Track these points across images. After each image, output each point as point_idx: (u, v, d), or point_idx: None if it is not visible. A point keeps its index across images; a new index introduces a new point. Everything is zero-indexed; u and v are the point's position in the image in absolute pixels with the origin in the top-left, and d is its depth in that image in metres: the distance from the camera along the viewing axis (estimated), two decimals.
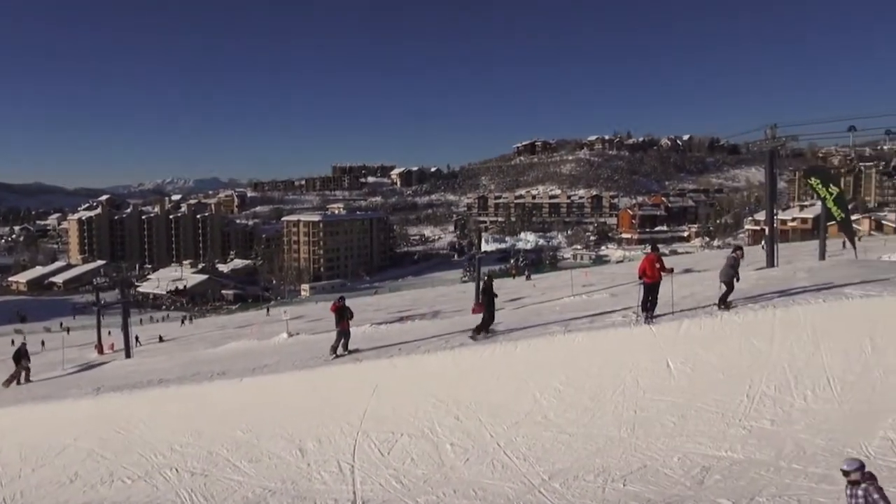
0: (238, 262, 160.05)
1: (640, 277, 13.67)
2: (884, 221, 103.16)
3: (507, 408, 12.47)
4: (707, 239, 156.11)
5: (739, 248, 14.51)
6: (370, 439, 12.66)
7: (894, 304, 12.04)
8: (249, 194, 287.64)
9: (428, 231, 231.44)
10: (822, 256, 31.16)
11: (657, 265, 13.49)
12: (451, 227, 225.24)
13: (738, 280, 13.72)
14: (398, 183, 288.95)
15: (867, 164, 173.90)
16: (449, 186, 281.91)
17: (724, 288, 13.53)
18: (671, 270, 13.91)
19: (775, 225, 37.69)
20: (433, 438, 12.30)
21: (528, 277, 69.08)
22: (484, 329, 15.10)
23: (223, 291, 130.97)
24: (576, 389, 12.40)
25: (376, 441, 12.56)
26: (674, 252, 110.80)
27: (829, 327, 12.01)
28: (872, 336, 11.58)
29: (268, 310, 52.83)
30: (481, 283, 15.27)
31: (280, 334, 22.83)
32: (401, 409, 13.15)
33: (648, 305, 13.57)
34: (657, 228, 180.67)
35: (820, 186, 27.12)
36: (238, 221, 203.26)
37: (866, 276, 14.07)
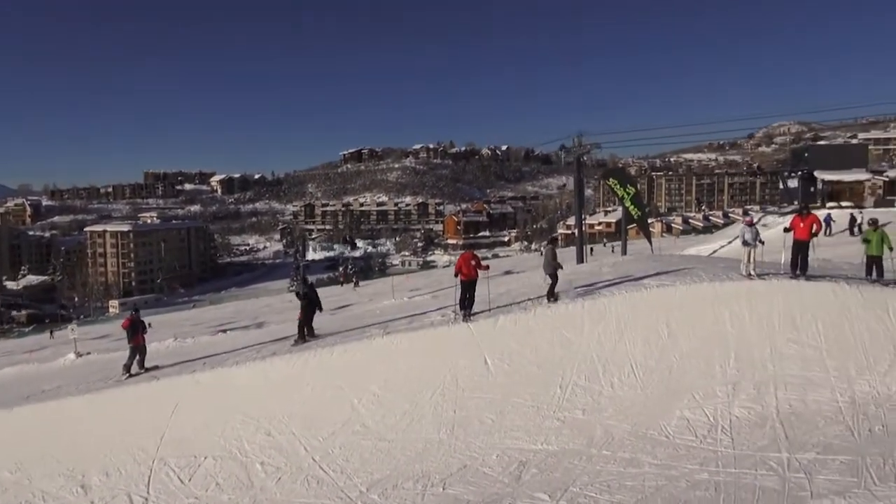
0: (32, 279, 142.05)
1: (456, 275, 13.55)
2: (672, 224, 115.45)
3: (323, 418, 11.68)
4: (526, 243, 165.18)
5: (555, 239, 14.97)
6: (168, 466, 11.25)
7: (685, 293, 12.93)
8: (45, 203, 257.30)
9: (253, 240, 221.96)
10: (624, 252, 33.87)
11: (472, 262, 13.44)
12: (278, 236, 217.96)
13: (561, 269, 14.10)
14: (219, 190, 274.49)
15: (658, 173, 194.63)
16: (274, 194, 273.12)
17: (549, 280, 13.78)
18: (487, 268, 13.94)
19: (583, 228, 40.51)
20: (241, 458, 11.19)
21: (357, 284, 68.24)
22: (302, 337, 14.21)
23: (13, 313, 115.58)
24: (395, 393, 11.92)
25: (176, 467, 11.19)
26: (495, 256, 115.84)
27: (631, 317, 12.63)
28: (668, 323, 12.34)
29: (51, 332, 46.32)
30: (302, 291, 14.31)
31: (67, 355, 20.02)
32: (205, 429, 11.86)
33: (466, 303, 13.48)
34: (480, 234, 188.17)
35: (618, 187, 29.41)
36: (32, 233, 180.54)
37: (661, 268, 15.10)
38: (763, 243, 13.49)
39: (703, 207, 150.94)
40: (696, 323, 12.25)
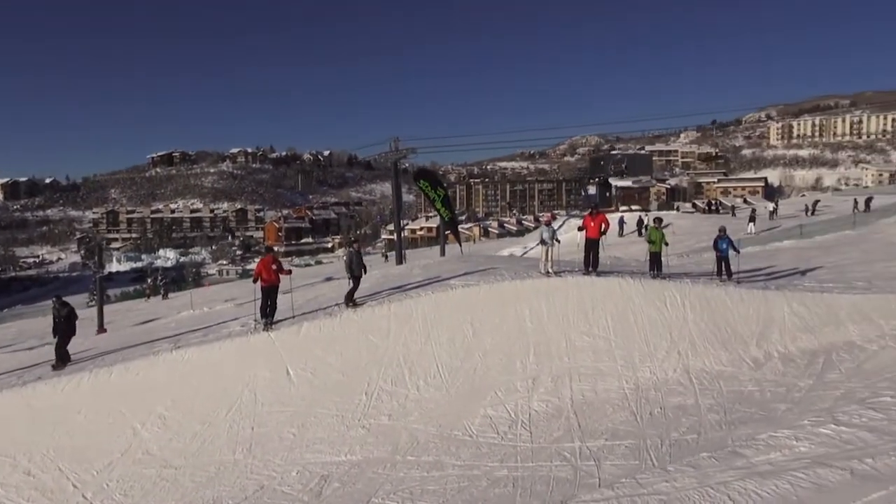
0: None
1: (256, 280, 12.68)
2: (489, 228, 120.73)
3: (98, 448, 10.26)
4: (369, 249, 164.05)
5: (356, 241, 14.55)
6: None
7: (489, 292, 13.14)
8: None
9: (45, 251, 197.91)
10: (443, 253, 34.54)
11: (273, 267, 12.65)
12: (75, 247, 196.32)
13: (365, 272, 13.71)
14: (1, 196, 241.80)
15: (475, 180, 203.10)
16: (70, 200, 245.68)
17: (351, 284, 13.31)
18: (289, 272, 13.20)
19: (404, 233, 40.78)
20: None
21: (166, 296, 63.16)
22: (61, 361, 12.47)
23: None
24: (184, 414, 10.79)
25: None
26: (318, 262, 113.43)
27: (438, 317, 12.57)
28: (472, 322, 12.44)
29: None
30: (63, 310, 12.56)
31: None
32: None
33: (268, 311, 12.63)
34: (303, 240, 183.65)
35: (429, 188, 29.87)
36: None
37: (469, 269, 15.31)
38: (559, 242, 14.13)
39: (514, 212, 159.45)
40: (498, 320, 12.48)
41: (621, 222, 41.66)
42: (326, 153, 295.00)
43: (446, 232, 39.74)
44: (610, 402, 10.61)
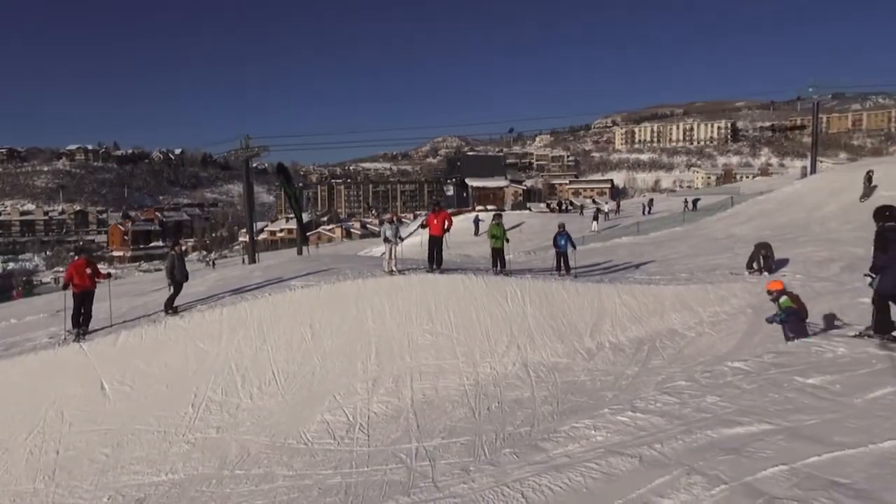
0: None
1: (66, 286, 11.39)
2: (351, 229, 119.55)
3: None
4: (204, 252, 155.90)
5: (176, 244, 13.54)
6: None
7: (330, 292, 12.70)
8: None
9: None
10: (300, 252, 33.61)
11: (88, 271, 11.41)
12: None
13: (187, 278, 12.72)
14: None
15: (337, 180, 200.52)
16: None
17: (171, 289, 12.30)
18: (108, 276, 11.99)
19: (262, 234, 39.07)
20: None
21: None
22: None
23: None
24: None
25: None
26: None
27: (275, 320, 11.95)
28: (312, 324, 11.94)
29: None
30: None
31: None
32: None
33: (81, 320, 11.38)
34: (152, 244, 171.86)
35: (286, 185, 29.53)
36: None
37: (312, 269, 14.77)
38: (402, 240, 13.94)
39: (374, 212, 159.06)
40: (339, 321, 12.07)
41: (476, 221, 42.53)
42: (178, 151, 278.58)
43: (308, 234, 38.87)
44: (450, 399, 10.53)
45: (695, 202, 43.97)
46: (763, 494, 3.31)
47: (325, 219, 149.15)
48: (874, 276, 6.32)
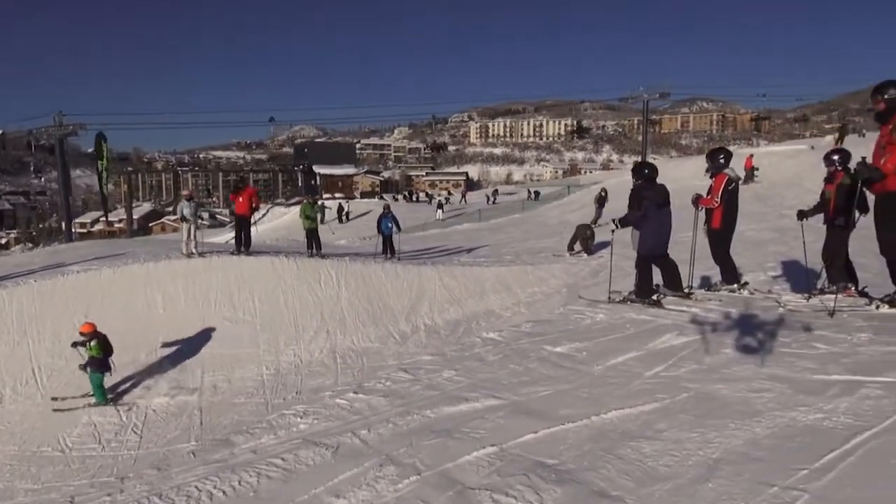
0: None
1: None
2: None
3: None
4: (30, 245, 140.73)
5: None
6: None
7: (113, 277, 11.23)
8: None
9: None
10: (69, 239, 31.22)
11: None
12: None
13: None
14: None
15: (184, 168, 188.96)
16: None
17: None
18: None
19: (98, 225, 35.57)
20: None
21: None
22: None
23: None
24: None
25: None
26: None
27: (41, 310, 10.32)
28: (88, 313, 10.40)
29: None
30: None
31: None
32: None
33: None
34: None
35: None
36: None
37: (99, 254, 13.09)
38: (203, 219, 12.68)
39: (213, 200, 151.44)
40: (122, 309, 10.65)
41: (322, 209, 41.21)
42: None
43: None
44: (244, 391, 9.53)
45: (536, 193, 45.50)
46: (456, 485, 2.80)
47: (169, 208, 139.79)
48: (619, 225, 6.65)
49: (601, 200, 24.28)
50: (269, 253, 13.01)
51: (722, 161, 6.81)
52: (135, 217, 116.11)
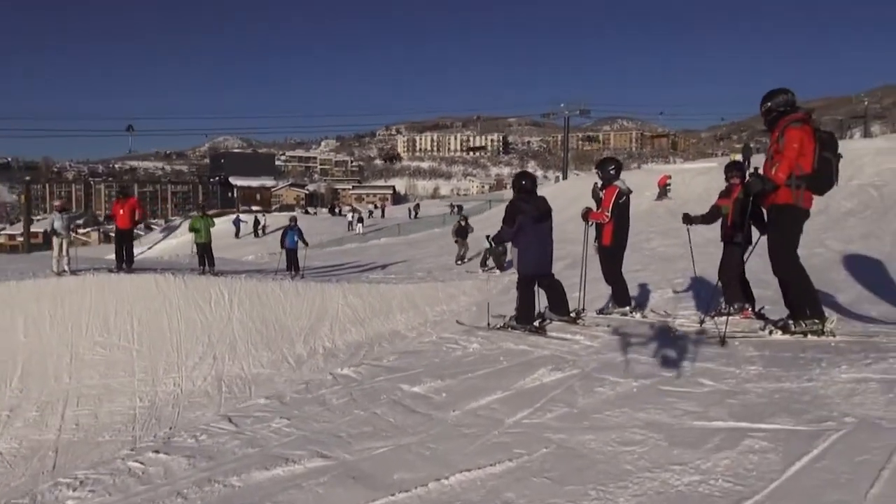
0: None
1: None
2: (111, 233, 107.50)
3: None
4: None
5: None
6: None
7: None
8: None
9: None
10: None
11: None
12: None
13: None
14: None
15: (97, 179, 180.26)
16: None
17: None
18: None
19: None
20: None
21: None
22: None
23: None
24: None
25: None
26: None
27: None
28: None
29: None
30: None
31: None
32: None
33: None
34: None
35: None
36: None
37: None
38: (75, 232, 11.51)
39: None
40: None
41: (237, 223, 39.61)
42: None
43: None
44: (111, 427, 8.51)
45: (459, 207, 45.34)
46: None
47: (80, 221, 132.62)
48: (493, 243, 6.25)
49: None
50: (154, 270, 11.95)
51: (612, 172, 6.35)
52: (38, 231, 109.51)
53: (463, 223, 24.15)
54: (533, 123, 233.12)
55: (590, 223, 6.39)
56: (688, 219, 6.68)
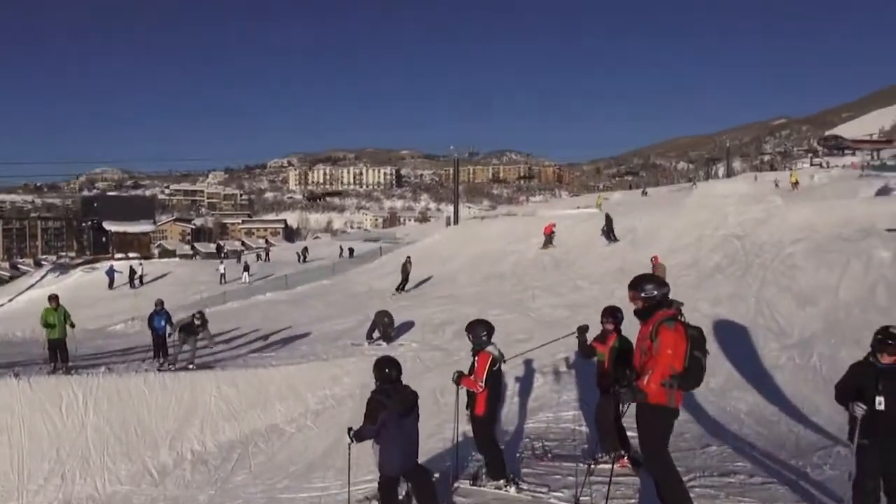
0: None
1: None
2: None
3: None
4: None
5: None
6: None
7: None
8: None
9: None
10: None
11: None
12: None
13: None
14: None
15: None
16: None
17: None
18: None
19: None
20: None
21: None
22: None
23: None
24: None
25: None
26: None
27: None
28: None
29: None
30: None
31: None
32: None
33: None
34: None
35: None
36: None
37: None
38: None
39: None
40: None
41: (111, 272, 36.96)
42: None
43: None
44: None
45: (350, 250, 44.61)
46: None
47: None
48: (353, 439, 5.09)
49: (405, 269, 23.95)
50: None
51: (484, 337, 5.93)
52: None
53: (409, 265, 23.71)
54: (426, 156, 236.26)
55: (460, 388, 6.01)
56: (581, 332, 6.48)
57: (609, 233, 26.84)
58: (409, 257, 24.92)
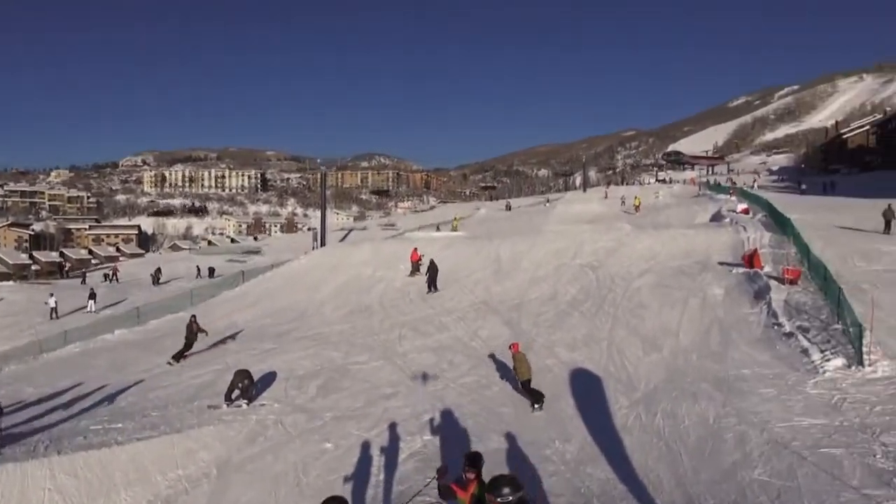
0: None
1: None
2: None
3: None
4: None
5: None
6: None
7: None
8: None
9: None
10: None
11: None
12: None
13: None
14: None
15: None
16: None
17: None
18: None
19: None
20: None
21: None
22: None
23: None
24: None
25: None
26: None
27: None
28: None
29: None
30: None
31: None
32: None
33: None
34: None
35: None
36: None
37: None
38: None
39: None
40: None
41: None
42: None
43: None
44: None
45: (210, 270, 42.47)
46: None
47: None
48: None
49: (190, 329, 21.34)
50: None
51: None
52: None
53: None
54: (292, 157, 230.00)
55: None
56: (441, 475, 6.51)
57: (430, 283, 25.95)
58: (194, 316, 21.02)
